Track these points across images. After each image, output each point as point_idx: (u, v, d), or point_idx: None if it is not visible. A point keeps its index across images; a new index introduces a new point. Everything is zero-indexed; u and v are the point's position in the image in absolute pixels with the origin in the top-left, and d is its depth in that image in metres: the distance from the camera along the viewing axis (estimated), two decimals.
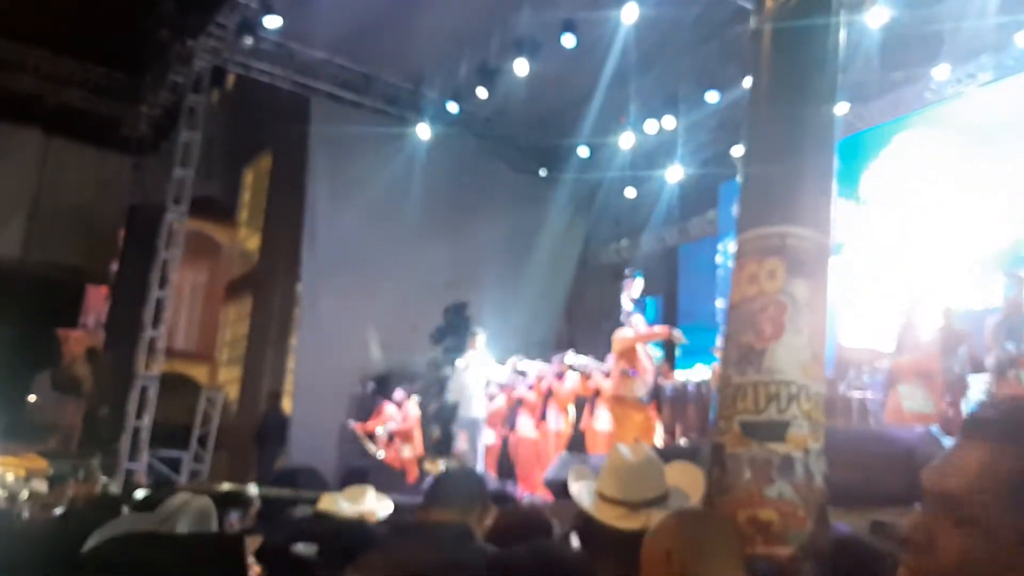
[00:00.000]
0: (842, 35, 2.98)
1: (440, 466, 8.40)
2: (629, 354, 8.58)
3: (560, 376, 10.17)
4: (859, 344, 9.01)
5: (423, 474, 9.52)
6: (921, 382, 6.77)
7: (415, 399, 11.25)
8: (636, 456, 2.24)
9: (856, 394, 8.46)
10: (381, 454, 11.50)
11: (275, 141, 16.41)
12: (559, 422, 10.09)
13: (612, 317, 15.44)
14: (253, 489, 7.24)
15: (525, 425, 10.08)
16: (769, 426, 2.44)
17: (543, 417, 10.08)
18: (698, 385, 11.10)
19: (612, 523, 2.13)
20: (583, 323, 15.76)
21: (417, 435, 10.90)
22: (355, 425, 11.92)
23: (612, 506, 2.17)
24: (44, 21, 13.34)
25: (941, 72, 11.01)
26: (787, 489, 2.37)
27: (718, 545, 1.78)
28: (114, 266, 14.95)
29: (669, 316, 14.36)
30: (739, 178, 3.04)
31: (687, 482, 2.34)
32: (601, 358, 10.55)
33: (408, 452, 11.03)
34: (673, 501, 2.18)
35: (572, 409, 10.25)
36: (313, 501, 4.77)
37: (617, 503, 2.17)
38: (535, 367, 10.37)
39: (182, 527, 2.26)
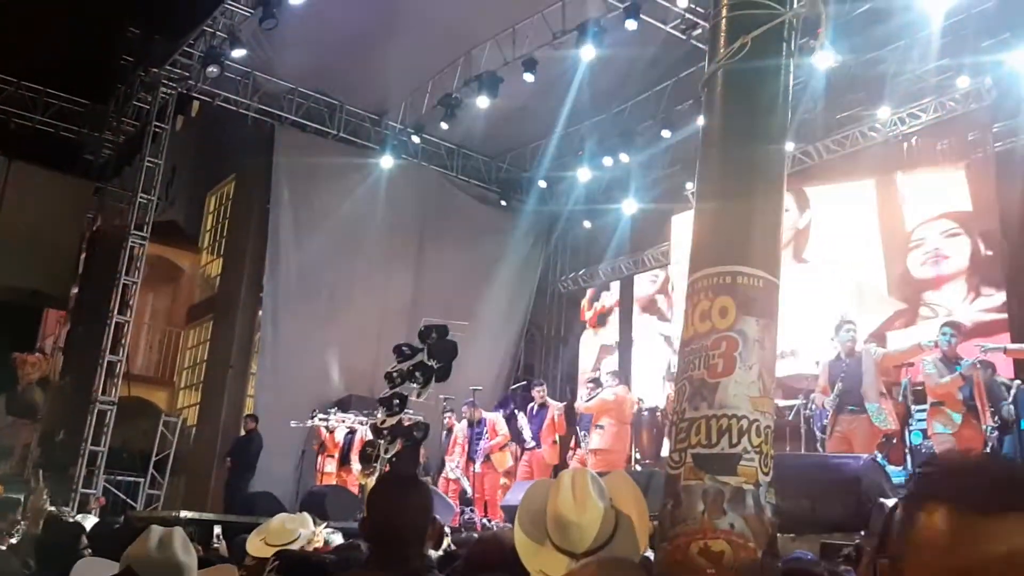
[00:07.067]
0: (791, 77, 3.03)
1: (372, 480, 8.11)
2: None
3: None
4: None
5: (361, 489, 9.34)
6: None
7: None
8: (580, 508, 2.32)
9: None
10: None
11: (239, 168, 16.49)
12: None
13: (568, 344, 15.80)
14: (218, 530, 7.35)
15: None
16: (721, 459, 2.45)
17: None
18: (652, 411, 11.38)
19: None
20: (541, 349, 16.02)
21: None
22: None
23: (556, 554, 2.27)
24: (8, 47, 13.35)
25: (884, 112, 11.47)
26: (738, 521, 2.37)
27: None
28: (74, 290, 14.88)
29: (625, 343, 14.69)
30: (692, 218, 3.08)
31: (628, 498, 2.48)
32: (558, 383, 10.88)
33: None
34: (618, 540, 2.28)
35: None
36: None
37: (562, 551, 2.27)
38: None
39: (181, 556, 2.43)
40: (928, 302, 10.56)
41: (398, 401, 8.83)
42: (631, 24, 10.35)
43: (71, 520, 7.26)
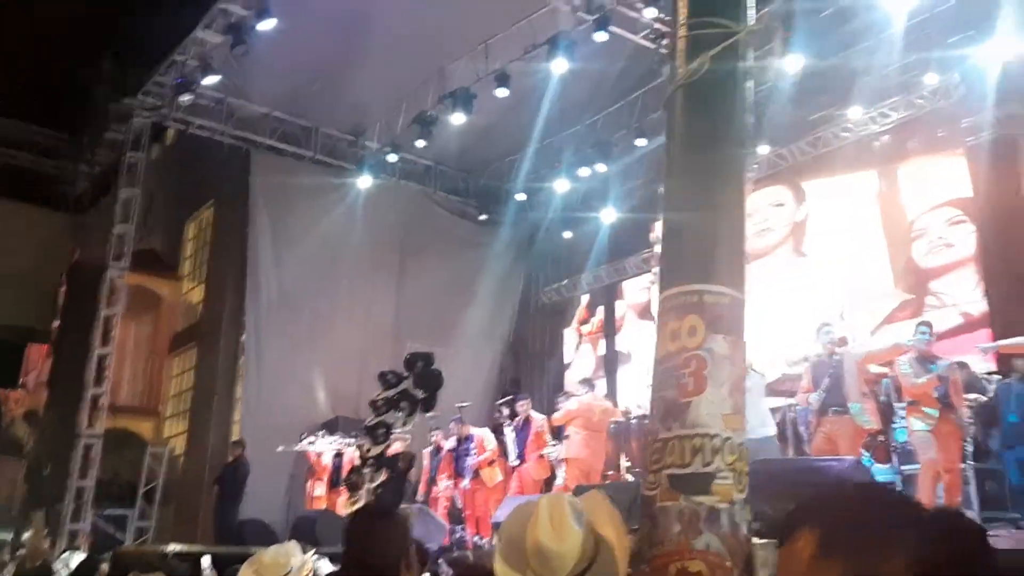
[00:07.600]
0: (750, 92, 3.12)
1: (355, 507, 8.07)
2: None
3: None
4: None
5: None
6: None
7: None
8: (558, 537, 2.20)
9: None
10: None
11: (216, 194, 16.45)
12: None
13: (554, 355, 15.80)
14: (206, 561, 7.27)
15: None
16: (695, 479, 2.50)
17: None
18: (640, 419, 11.38)
19: None
20: (527, 362, 16.00)
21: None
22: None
23: None
24: None
25: (855, 112, 11.56)
26: (714, 540, 2.42)
27: None
28: (55, 324, 14.80)
29: (610, 351, 14.72)
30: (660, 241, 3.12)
31: (606, 520, 2.33)
32: (544, 396, 10.91)
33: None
34: (598, 566, 2.18)
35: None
36: None
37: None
38: None
39: None
40: (935, 291, 10.50)
41: (383, 430, 8.75)
42: (601, 36, 10.40)
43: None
